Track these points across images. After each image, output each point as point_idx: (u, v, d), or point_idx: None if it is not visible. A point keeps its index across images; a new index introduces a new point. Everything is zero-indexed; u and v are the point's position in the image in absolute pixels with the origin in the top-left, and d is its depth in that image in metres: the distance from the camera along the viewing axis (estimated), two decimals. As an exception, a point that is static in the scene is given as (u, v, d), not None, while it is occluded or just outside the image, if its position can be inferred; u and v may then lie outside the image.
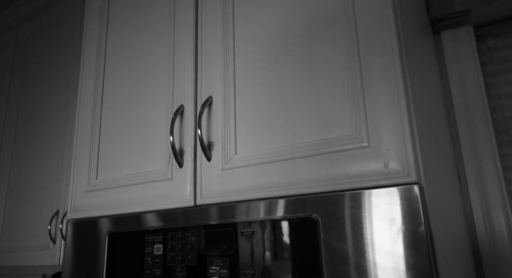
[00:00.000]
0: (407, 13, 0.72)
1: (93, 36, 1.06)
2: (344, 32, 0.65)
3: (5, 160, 1.57)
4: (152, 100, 0.88)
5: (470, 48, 1.10)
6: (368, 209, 0.55)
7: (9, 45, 1.75)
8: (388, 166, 0.56)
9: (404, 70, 0.59)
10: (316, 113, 0.64)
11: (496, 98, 1.10)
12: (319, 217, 0.58)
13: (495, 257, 0.95)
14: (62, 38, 1.53)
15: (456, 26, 1.12)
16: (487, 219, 0.98)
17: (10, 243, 1.42)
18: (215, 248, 0.67)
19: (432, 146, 0.71)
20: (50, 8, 1.61)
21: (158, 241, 0.75)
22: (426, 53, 0.93)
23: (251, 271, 0.63)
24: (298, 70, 0.68)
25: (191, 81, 0.81)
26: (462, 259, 0.81)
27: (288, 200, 0.62)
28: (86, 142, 0.97)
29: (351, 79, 0.62)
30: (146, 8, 0.96)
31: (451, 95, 1.09)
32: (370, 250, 0.54)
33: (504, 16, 1.10)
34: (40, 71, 1.57)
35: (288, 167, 0.64)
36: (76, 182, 0.96)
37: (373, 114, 0.59)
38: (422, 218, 0.52)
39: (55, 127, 1.43)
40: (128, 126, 0.90)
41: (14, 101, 1.63)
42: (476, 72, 1.08)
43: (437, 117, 0.90)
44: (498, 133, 1.06)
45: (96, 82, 1.01)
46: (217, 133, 0.74)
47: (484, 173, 1.01)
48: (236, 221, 0.66)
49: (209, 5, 0.83)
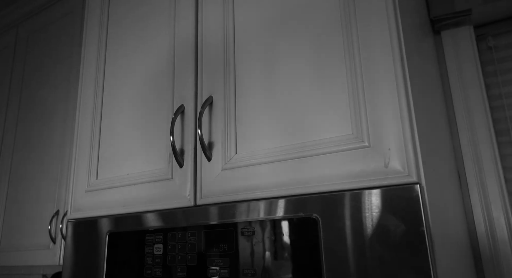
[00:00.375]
0: (408, 12, 0.72)
1: (93, 36, 1.05)
2: (345, 31, 0.65)
3: (5, 160, 1.57)
4: (152, 100, 0.88)
5: (471, 48, 1.10)
6: (368, 209, 0.55)
7: (9, 45, 1.75)
8: (389, 166, 0.56)
9: (405, 70, 0.59)
10: (316, 113, 0.64)
11: (496, 98, 1.09)
12: (320, 217, 0.58)
13: (495, 257, 0.95)
14: (62, 37, 1.53)
15: (456, 25, 1.12)
16: (487, 219, 0.98)
17: (10, 242, 1.42)
18: (215, 248, 0.67)
19: (433, 146, 0.71)
20: (50, 8, 1.61)
21: (158, 241, 0.75)
22: (426, 53, 0.93)
23: (251, 271, 0.63)
24: (298, 71, 0.68)
25: (191, 81, 0.81)
26: (462, 259, 0.81)
27: (288, 200, 0.62)
28: (86, 142, 0.97)
29: (352, 79, 0.62)
30: (147, 14, 0.95)
31: (451, 95, 1.09)
32: (370, 250, 0.54)
33: (504, 16, 1.10)
34: (40, 71, 1.57)
35: (288, 167, 0.64)
36: (76, 181, 0.96)
37: (374, 114, 0.59)
38: (422, 218, 0.52)
39: (55, 126, 1.43)
40: (129, 126, 0.90)
41: (14, 100, 1.63)
42: (476, 72, 1.08)
43: (438, 116, 0.90)
44: (499, 133, 1.06)
45: (96, 81, 1.01)
46: (217, 133, 0.74)
47: (484, 173, 1.01)
48: (236, 221, 0.66)
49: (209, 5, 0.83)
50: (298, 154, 0.64)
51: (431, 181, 0.60)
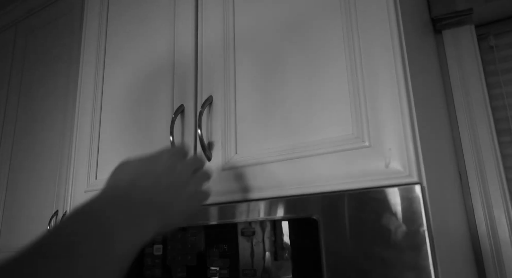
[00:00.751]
0: (409, 12, 0.71)
1: (92, 34, 1.05)
2: (345, 30, 0.64)
3: (4, 159, 1.56)
4: (152, 100, 0.87)
5: (472, 47, 1.09)
6: (368, 209, 0.55)
7: (8, 43, 1.74)
8: (389, 166, 0.55)
9: (406, 70, 0.58)
10: (316, 113, 0.64)
11: (497, 98, 1.09)
12: (320, 217, 0.58)
13: (496, 257, 0.95)
14: (62, 36, 1.53)
15: (458, 25, 1.11)
16: (488, 219, 0.98)
17: (9, 242, 1.42)
18: (215, 248, 0.67)
19: (434, 146, 0.70)
20: (50, 6, 1.61)
21: (158, 241, 0.74)
22: (428, 52, 0.93)
23: (251, 271, 0.62)
24: (298, 70, 0.68)
25: (191, 81, 0.81)
26: (463, 259, 0.81)
27: (288, 200, 0.62)
28: (86, 142, 0.97)
29: (352, 78, 0.62)
30: (147, 13, 0.95)
31: (452, 94, 1.09)
32: (370, 250, 0.53)
33: (506, 15, 1.10)
34: (40, 69, 1.57)
35: (288, 167, 0.64)
36: (75, 182, 0.96)
37: (374, 114, 0.59)
38: (423, 218, 0.51)
39: (55, 126, 1.43)
40: (128, 126, 0.90)
41: (13, 100, 1.63)
42: (477, 71, 1.07)
43: (439, 116, 0.89)
44: (500, 133, 1.06)
45: (95, 80, 1.00)
46: (217, 133, 0.74)
47: (485, 173, 1.01)
48: (236, 221, 0.66)
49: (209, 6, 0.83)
50: (298, 154, 0.63)
51: (432, 181, 0.59)
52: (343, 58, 0.64)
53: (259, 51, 0.73)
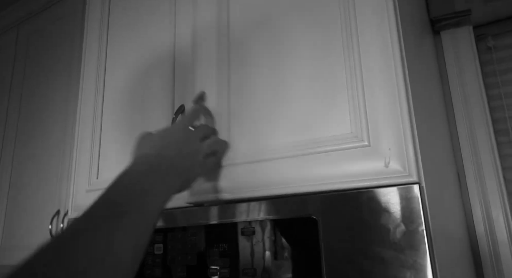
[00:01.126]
0: (407, 12, 0.72)
1: (93, 36, 1.06)
2: (344, 30, 0.65)
3: (7, 159, 1.57)
4: (153, 99, 0.88)
5: (470, 48, 1.10)
6: (368, 209, 0.55)
7: (10, 45, 1.75)
8: (389, 166, 0.56)
9: (404, 70, 0.59)
10: (316, 112, 0.64)
11: (496, 98, 1.10)
12: (319, 217, 0.58)
13: (494, 257, 0.96)
14: (63, 37, 1.53)
15: (456, 26, 1.12)
16: (486, 219, 0.99)
17: (11, 242, 1.43)
18: (216, 248, 0.67)
19: (432, 146, 0.71)
20: (51, 8, 1.61)
21: (158, 240, 0.75)
22: (426, 53, 0.93)
23: (251, 271, 0.63)
24: (297, 69, 0.68)
25: (191, 80, 0.81)
26: (462, 259, 0.81)
27: (288, 200, 0.62)
28: (87, 141, 0.97)
29: (351, 77, 0.62)
30: (147, 15, 0.96)
31: (450, 95, 1.10)
32: (370, 250, 0.54)
33: (504, 16, 1.11)
34: (41, 71, 1.58)
35: (288, 166, 0.64)
36: (77, 181, 0.96)
37: (374, 113, 0.59)
38: (422, 218, 0.52)
39: (56, 126, 1.43)
40: (129, 125, 0.90)
41: (15, 101, 1.64)
42: (476, 72, 1.08)
43: (437, 116, 0.90)
44: (498, 133, 1.06)
45: (97, 80, 1.01)
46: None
47: (483, 173, 1.01)
48: (236, 220, 0.66)
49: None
50: (298, 153, 0.64)
51: (431, 181, 0.60)
52: (342, 56, 0.64)
53: (260, 51, 0.74)
